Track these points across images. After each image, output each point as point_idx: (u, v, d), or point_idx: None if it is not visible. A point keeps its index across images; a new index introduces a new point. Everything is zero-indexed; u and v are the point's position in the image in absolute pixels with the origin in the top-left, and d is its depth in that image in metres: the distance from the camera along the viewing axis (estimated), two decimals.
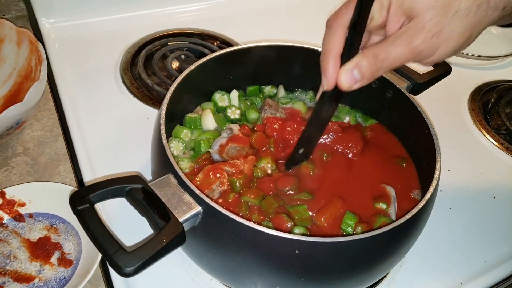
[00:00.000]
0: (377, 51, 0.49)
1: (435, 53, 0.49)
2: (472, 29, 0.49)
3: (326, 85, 0.52)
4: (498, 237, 0.75)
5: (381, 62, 0.49)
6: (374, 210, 0.60)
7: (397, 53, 0.49)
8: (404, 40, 0.48)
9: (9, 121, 0.68)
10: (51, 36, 0.98)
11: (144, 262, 0.43)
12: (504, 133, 0.94)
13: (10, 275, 0.60)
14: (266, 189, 0.61)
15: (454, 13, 0.47)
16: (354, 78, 0.50)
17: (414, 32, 0.48)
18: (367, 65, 0.49)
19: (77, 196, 0.47)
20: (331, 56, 0.51)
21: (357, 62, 0.49)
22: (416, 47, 0.48)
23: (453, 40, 0.49)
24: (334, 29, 0.51)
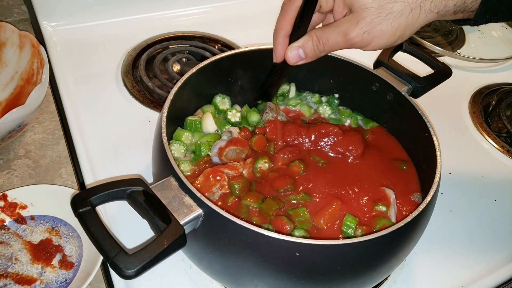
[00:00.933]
0: (320, 35, 0.57)
1: (368, 46, 0.56)
2: (404, 29, 0.55)
3: (275, 59, 0.61)
4: (499, 240, 0.75)
5: (322, 46, 0.57)
6: (374, 212, 0.60)
7: (335, 40, 0.56)
8: (341, 30, 0.56)
9: (11, 124, 0.68)
10: (52, 39, 0.99)
11: (145, 264, 0.43)
12: (505, 135, 0.94)
13: (11, 277, 0.61)
14: (265, 192, 0.61)
15: (387, 15, 0.54)
16: (299, 56, 0.59)
17: (349, 25, 0.55)
18: (311, 46, 0.58)
19: (78, 199, 0.48)
20: (280, 35, 0.59)
21: (303, 43, 0.58)
22: (350, 39, 0.55)
23: (383, 38, 0.55)
24: (285, 11, 0.59)
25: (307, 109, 0.77)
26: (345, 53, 0.68)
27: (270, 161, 0.65)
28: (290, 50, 0.58)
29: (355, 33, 0.55)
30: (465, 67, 1.10)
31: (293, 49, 0.58)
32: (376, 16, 0.54)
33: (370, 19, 0.54)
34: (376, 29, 0.54)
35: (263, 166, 0.65)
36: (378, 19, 0.54)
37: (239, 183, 0.61)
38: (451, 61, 1.10)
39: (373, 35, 0.54)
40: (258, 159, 0.65)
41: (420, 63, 0.75)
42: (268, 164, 0.65)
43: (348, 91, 0.77)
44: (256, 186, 0.62)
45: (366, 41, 0.55)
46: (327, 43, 0.56)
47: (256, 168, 0.64)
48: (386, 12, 0.53)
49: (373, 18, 0.54)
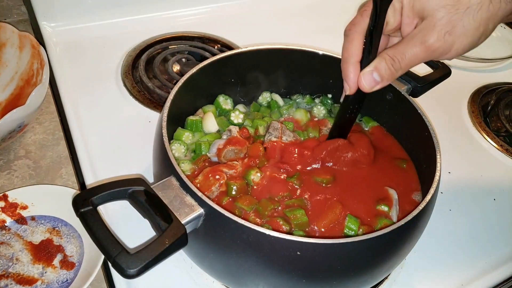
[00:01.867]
0: (393, 53, 0.52)
1: (452, 50, 0.50)
2: (487, 23, 0.49)
3: (348, 90, 0.56)
4: (498, 239, 0.75)
5: (398, 63, 0.52)
6: (376, 212, 0.61)
7: (413, 53, 0.51)
8: (417, 40, 0.50)
9: (11, 124, 0.68)
10: (52, 40, 0.99)
11: (146, 264, 0.43)
12: (504, 135, 0.94)
13: (12, 277, 0.61)
14: (260, 197, 0.61)
15: (466, 10, 0.49)
16: (375, 80, 0.53)
17: (426, 32, 0.50)
18: (385, 67, 0.52)
19: (80, 199, 0.48)
20: (351, 63, 0.54)
21: (376, 65, 0.53)
22: (430, 46, 0.50)
23: (467, 36, 0.50)
24: (351, 37, 0.54)
25: (303, 113, 0.75)
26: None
27: (261, 171, 0.63)
28: (363, 76, 0.53)
29: (435, 36, 0.49)
30: (464, 67, 1.10)
31: (366, 75, 0.53)
32: (454, 14, 0.48)
33: (448, 18, 0.49)
34: (458, 27, 0.49)
35: (256, 177, 0.62)
36: (457, 16, 0.48)
37: (237, 184, 0.60)
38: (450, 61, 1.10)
39: (455, 34, 0.49)
40: (250, 171, 0.62)
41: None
42: (260, 174, 0.62)
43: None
44: (252, 191, 0.62)
45: (448, 43, 0.50)
46: (404, 58, 0.51)
47: (249, 181, 0.62)
48: (464, 6, 0.48)
49: (451, 16, 0.48)
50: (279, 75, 0.78)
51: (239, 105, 0.78)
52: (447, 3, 0.49)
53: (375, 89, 0.54)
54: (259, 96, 0.79)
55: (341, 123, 0.65)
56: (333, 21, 1.18)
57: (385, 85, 0.54)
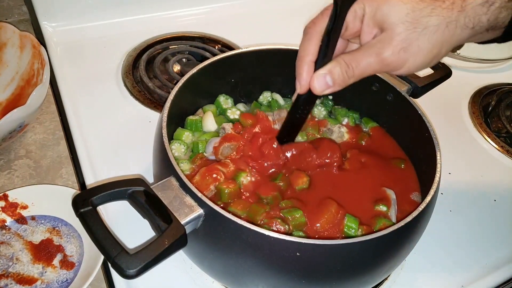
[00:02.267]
0: (348, 59, 0.51)
1: (404, 66, 0.51)
2: (441, 46, 0.51)
3: (299, 89, 0.55)
4: (498, 240, 0.75)
5: (352, 71, 0.51)
6: (374, 213, 0.61)
7: (367, 63, 0.51)
8: (374, 51, 0.51)
9: (12, 124, 0.68)
10: (53, 39, 0.99)
11: (146, 264, 0.43)
12: (505, 136, 0.94)
13: (12, 277, 0.61)
14: (248, 199, 0.60)
15: (423, 30, 0.50)
16: (326, 84, 0.52)
17: (383, 45, 0.50)
18: (339, 72, 0.51)
19: (79, 199, 0.48)
20: (305, 61, 0.53)
21: (330, 69, 0.52)
22: (385, 59, 0.50)
23: (420, 55, 0.51)
24: (309, 35, 0.53)
25: None
26: None
27: (251, 174, 0.62)
28: (316, 78, 0.52)
29: (390, 51, 0.50)
30: (465, 68, 1.10)
31: (319, 77, 0.52)
32: (411, 32, 0.49)
33: (405, 35, 0.49)
34: (413, 46, 0.50)
35: (245, 179, 0.61)
36: (414, 34, 0.49)
37: (230, 189, 0.59)
38: (451, 61, 1.10)
39: (410, 53, 0.50)
40: (240, 173, 0.62)
41: None
42: (250, 178, 0.62)
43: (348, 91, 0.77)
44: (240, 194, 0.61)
45: (402, 60, 0.50)
46: (358, 66, 0.51)
47: (239, 183, 0.61)
48: (422, 26, 0.49)
49: (408, 34, 0.49)
50: (280, 75, 0.78)
51: (239, 104, 0.78)
52: (407, 19, 0.50)
53: (326, 92, 0.53)
54: (260, 95, 0.79)
55: (291, 123, 0.63)
56: None
57: (335, 90, 0.53)
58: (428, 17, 0.50)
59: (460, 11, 0.50)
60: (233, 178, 0.62)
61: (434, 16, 0.50)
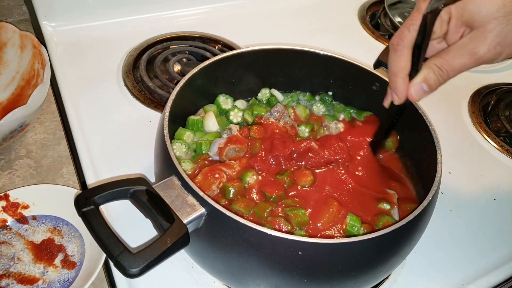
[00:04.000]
0: (441, 63, 0.53)
1: (499, 58, 0.52)
2: None
3: (398, 101, 0.58)
4: (498, 239, 0.75)
5: (446, 74, 0.53)
6: (378, 210, 0.61)
7: (461, 63, 0.52)
8: (468, 51, 0.52)
9: (12, 124, 0.68)
10: (53, 39, 0.99)
11: (149, 263, 0.44)
12: (504, 135, 0.94)
13: (14, 277, 0.61)
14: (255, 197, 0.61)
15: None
16: (423, 90, 0.55)
17: (477, 43, 0.51)
18: (434, 78, 0.54)
19: (82, 198, 0.48)
20: (400, 77, 0.55)
21: (425, 76, 0.54)
22: (480, 57, 0.51)
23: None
24: (400, 51, 0.55)
25: (302, 109, 0.76)
26: (345, 54, 0.68)
27: (257, 174, 0.63)
28: (413, 87, 0.55)
29: (486, 48, 0.51)
30: None
31: (416, 86, 0.54)
32: (505, 25, 0.50)
33: (499, 29, 0.50)
34: (508, 38, 0.50)
35: (251, 179, 0.62)
36: (508, 27, 0.50)
37: (235, 187, 0.60)
38: None
39: (504, 44, 0.51)
40: (246, 172, 0.62)
41: None
42: (256, 177, 0.62)
43: (349, 91, 0.78)
44: (245, 192, 0.61)
45: (497, 53, 0.51)
46: (452, 69, 0.53)
47: (245, 182, 0.62)
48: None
49: (502, 28, 0.50)
50: (280, 75, 0.79)
51: (238, 100, 0.78)
52: (499, 14, 0.50)
53: (423, 97, 0.56)
54: (258, 93, 0.79)
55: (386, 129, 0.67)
56: (333, 21, 1.19)
57: (430, 93, 0.56)
58: None
59: None
60: (239, 177, 0.62)
61: None
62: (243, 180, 0.62)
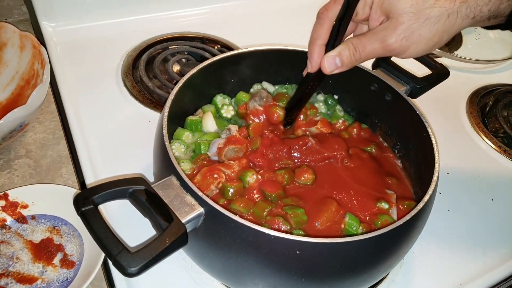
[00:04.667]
0: (356, 43, 0.57)
1: (406, 52, 0.56)
2: (441, 35, 0.55)
3: (310, 68, 0.62)
4: (496, 239, 0.76)
5: (358, 54, 0.57)
6: (376, 210, 0.61)
7: (372, 48, 0.57)
8: (379, 38, 0.56)
9: (12, 123, 0.68)
10: (53, 39, 0.99)
11: (147, 262, 0.44)
12: (502, 136, 0.95)
13: (13, 276, 0.61)
14: (253, 196, 0.61)
15: (425, 20, 0.54)
16: (336, 64, 0.58)
17: (387, 32, 0.55)
18: (348, 55, 0.57)
19: (81, 198, 0.48)
20: (317, 44, 0.60)
21: (340, 52, 0.58)
22: (388, 46, 0.56)
23: (421, 43, 0.55)
24: (322, 20, 0.59)
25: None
26: None
27: (257, 174, 0.63)
28: (326, 58, 0.58)
29: (394, 39, 0.55)
30: (462, 68, 1.10)
31: (329, 58, 0.58)
32: (414, 22, 0.54)
33: (408, 24, 0.54)
34: (415, 35, 0.54)
35: (251, 179, 0.62)
36: (416, 24, 0.54)
37: (234, 187, 0.60)
38: (449, 62, 1.11)
39: (411, 41, 0.55)
40: (246, 172, 0.62)
41: (418, 64, 0.76)
42: (256, 177, 0.63)
43: (347, 92, 0.78)
44: (245, 191, 0.62)
45: (404, 47, 0.55)
46: (364, 50, 0.57)
47: (245, 182, 0.62)
48: (424, 17, 0.54)
49: (411, 24, 0.54)
50: (278, 75, 0.79)
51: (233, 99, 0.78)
52: (411, 10, 0.54)
53: (334, 72, 0.59)
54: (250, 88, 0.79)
55: (300, 97, 0.69)
56: None
57: (343, 70, 0.59)
58: (431, 8, 0.53)
59: (462, 2, 0.53)
60: (239, 177, 0.62)
61: (436, 8, 0.54)
62: (243, 180, 0.62)
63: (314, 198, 0.61)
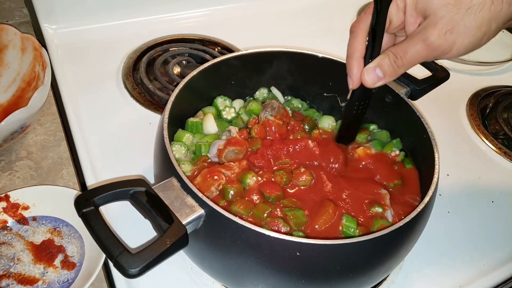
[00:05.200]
0: (395, 50, 0.53)
1: (453, 48, 0.51)
2: (489, 23, 0.50)
3: (351, 84, 0.58)
4: (496, 241, 0.76)
5: (400, 60, 0.53)
6: (371, 214, 0.61)
7: (415, 50, 0.52)
8: (419, 37, 0.51)
9: (13, 125, 0.68)
10: (54, 41, 1.00)
11: (148, 263, 0.44)
12: (502, 138, 0.95)
13: (14, 277, 0.61)
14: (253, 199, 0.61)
15: (467, 9, 0.49)
16: (377, 76, 0.55)
17: (428, 30, 0.51)
18: (388, 64, 0.54)
19: (82, 199, 0.48)
20: (354, 58, 0.56)
21: (379, 62, 0.54)
22: (431, 43, 0.51)
23: (468, 35, 0.50)
24: (355, 33, 0.56)
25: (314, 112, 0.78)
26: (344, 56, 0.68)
27: (256, 175, 0.63)
28: (366, 71, 0.55)
29: (436, 35, 0.50)
30: (463, 70, 1.11)
31: (369, 70, 0.55)
32: (455, 13, 0.49)
33: (449, 17, 0.49)
34: (459, 27, 0.50)
35: (252, 180, 0.62)
36: (458, 15, 0.49)
37: (234, 189, 0.60)
38: (449, 64, 1.11)
39: (456, 33, 0.50)
40: (246, 174, 0.63)
41: (418, 66, 0.75)
42: (256, 178, 0.63)
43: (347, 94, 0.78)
44: (245, 193, 0.62)
45: (449, 42, 0.50)
46: (406, 55, 0.53)
47: (245, 184, 0.62)
48: (466, 6, 0.49)
49: (452, 16, 0.49)
50: (280, 77, 0.79)
51: (236, 100, 0.78)
52: (449, 2, 0.50)
53: (378, 85, 0.56)
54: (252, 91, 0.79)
55: (350, 121, 0.66)
56: (333, 23, 1.19)
57: (387, 81, 0.55)
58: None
59: None
60: (239, 179, 0.62)
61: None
62: (243, 182, 0.62)
63: (312, 199, 0.61)
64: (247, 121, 0.74)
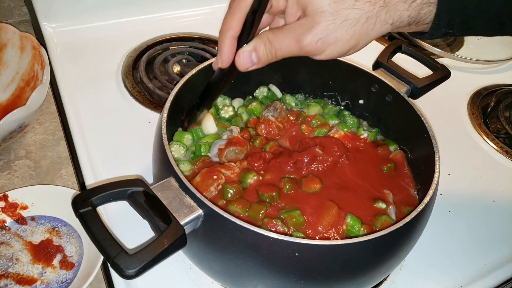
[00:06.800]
0: (272, 38, 0.52)
1: (322, 54, 0.53)
2: (359, 38, 0.52)
3: (221, 63, 0.55)
4: (497, 240, 0.75)
5: (274, 51, 0.53)
6: (374, 210, 0.61)
7: (287, 46, 0.52)
8: (294, 36, 0.52)
9: (12, 124, 0.68)
10: (53, 40, 0.99)
11: (145, 264, 0.44)
12: (504, 136, 0.94)
13: (12, 277, 0.61)
14: (250, 197, 0.61)
15: (342, 21, 0.50)
16: (252, 61, 0.53)
17: (303, 31, 0.51)
18: (264, 51, 0.53)
19: (79, 199, 0.48)
20: (228, 36, 0.53)
21: (255, 47, 0.53)
22: (303, 46, 0.52)
23: (337, 46, 0.52)
24: (234, 10, 0.53)
25: (319, 109, 0.77)
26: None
27: (258, 175, 0.63)
28: (242, 54, 0.53)
29: (309, 40, 0.51)
30: (464, 68, 1.10)
31: (245, 53, 0.53)
32: (331, 23, 0.50)
33: (325, 25, 0.50)
34: (331, 37, 0.51)
35: (252, 180, 0.62)
36: (333, 26, 0.50)
37: (234, 188, 0.60)
38: (450, 62, 1.10)
39: (327, 43, 0.51)
40: (247, 174, 0.62)
41: (419, 65, 0.75)
42: (257, 178, 0.62)
43: (348, 92, 0.78)
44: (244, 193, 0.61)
45: (320, 49, 0.52)
46: (280, 48, 0.52)
47: (246, 184, 0.62)
48: (342, 18, 0.50)
49: (328, 25, 0.50)
50: (278, 75, 0.79)
51: (235, 99, 0.78)
52: (328, 10, 0.50)
53: (250, 69, 0.54)
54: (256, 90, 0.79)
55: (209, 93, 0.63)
56: None
57: (259, 67, 0.54)
58: (350, 9, 0.50)
59: (382, 6, 0.51)
60: (240, 179, 0.62)
61: (355, 9, 0.50)
62: (244, 181, 0.62)
63: (310, 199, 0.61)
64: (247, 120, 0.73)
